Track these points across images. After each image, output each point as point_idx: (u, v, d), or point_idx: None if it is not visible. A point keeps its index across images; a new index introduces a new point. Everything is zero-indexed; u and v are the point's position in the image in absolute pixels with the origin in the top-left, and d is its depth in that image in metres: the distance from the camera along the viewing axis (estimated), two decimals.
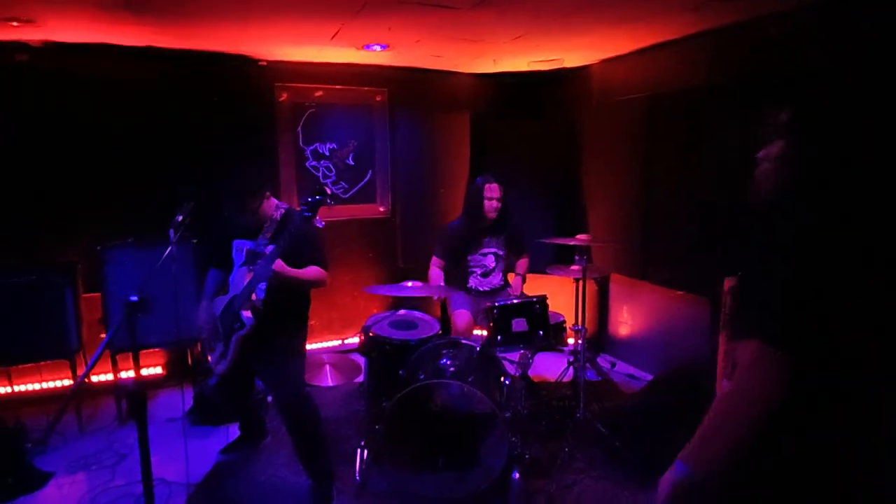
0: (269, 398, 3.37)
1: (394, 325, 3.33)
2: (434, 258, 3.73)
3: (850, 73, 2.61)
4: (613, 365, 4.40)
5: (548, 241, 3.38)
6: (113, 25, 3.20)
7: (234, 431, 3.22)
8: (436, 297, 3.61)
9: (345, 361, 4.46)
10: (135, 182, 3.87)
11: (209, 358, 2.78)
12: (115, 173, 3.85)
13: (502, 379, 2.94)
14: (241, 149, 4.09)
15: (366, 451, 2.84)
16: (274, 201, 2.76)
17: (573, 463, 2.96)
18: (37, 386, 3.76)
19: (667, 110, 3.81)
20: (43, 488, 2.86)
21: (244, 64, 4.14)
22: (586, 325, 3.32)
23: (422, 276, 3.75)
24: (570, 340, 3.78)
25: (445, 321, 3.55)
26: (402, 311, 3.46)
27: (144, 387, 1.93)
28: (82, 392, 3.62)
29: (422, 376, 2.81)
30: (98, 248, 3.53)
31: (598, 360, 4.43)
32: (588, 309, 4.61)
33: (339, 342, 4.75)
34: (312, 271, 2.65)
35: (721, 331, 2.70)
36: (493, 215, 3.64)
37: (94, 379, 3.79)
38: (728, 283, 2.67)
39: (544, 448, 3.09)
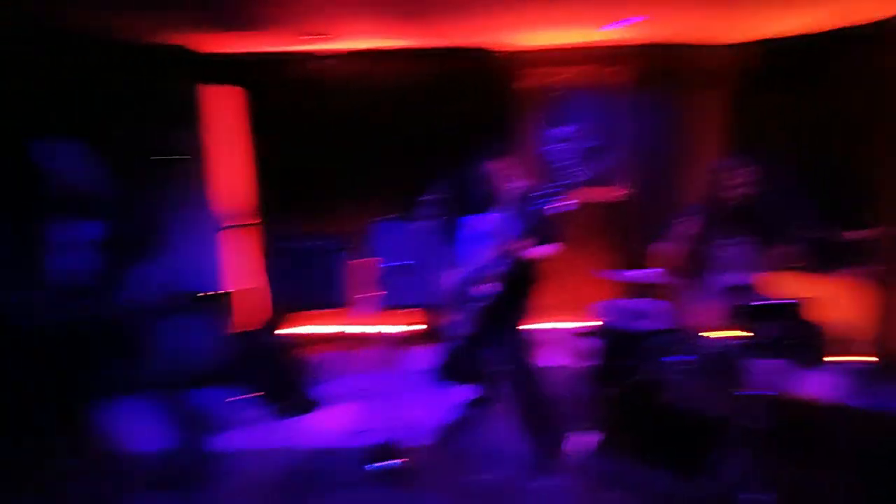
0: (502, 368, 3.63)
1: (625, 312, 3.26)
2: (669, 245, 3.49)
3: None
4: None
5: (818, 234, 2.86)
6: (389, 30, 3.73)
7: (471, 392, 3.58)
8: (668, 283, 3.38)
9: (575, 343, 4.51)
10: (400, 166, 4.55)
11: (452, 323, 3.14)
12: (385, 159, 4.60)
13: (743, 387, 2.64)
14: (486, 133, 4.44)
15: (589, 434, 2.88)
16: (512, 177, 2.92)
17: (835, 499, 2.53)
18: (320, 329, 4.77)
19: None
20: (316, 412, 3.60)
21: (488, 55, 4.44)
22: (868, 340, 2.74)
23: (658, 263, 3.54)
24: (844, 357, 3.17)
25: (681, 314, 3.31)
26: (635, 300, 3.35)
27: (399, 341, 2.29)
28: (355, 338, 4.44)
29: (649, 369, 2.71)
30: (369, 221, 4.29)
31: (888, 386, 3.59)
32: (875, 320, 3.79)
33: (571, 324, 4.81)
34: (550, 250, 2.82)
35: None
36: (737, 201, 3.22)
37: (366, 329, 4.61)
38: None
39: (791, 473, 2.69)
